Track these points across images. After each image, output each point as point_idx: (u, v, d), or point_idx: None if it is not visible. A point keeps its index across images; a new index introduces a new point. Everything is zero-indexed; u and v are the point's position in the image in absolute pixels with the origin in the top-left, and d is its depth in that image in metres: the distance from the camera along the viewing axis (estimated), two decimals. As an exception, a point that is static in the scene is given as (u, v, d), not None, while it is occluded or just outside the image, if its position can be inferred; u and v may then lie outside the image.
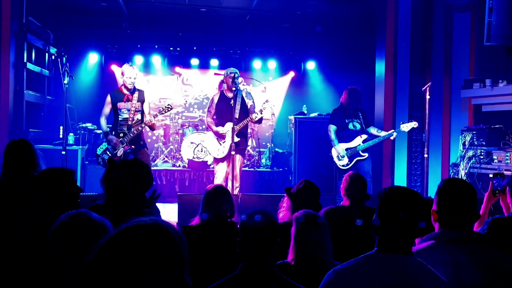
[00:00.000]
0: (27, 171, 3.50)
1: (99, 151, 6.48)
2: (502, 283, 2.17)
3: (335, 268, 1.98)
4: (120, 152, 6.28)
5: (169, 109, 6.46)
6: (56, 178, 2.83)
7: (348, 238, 3.28)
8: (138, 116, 6.38)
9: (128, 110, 6.34)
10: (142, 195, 2.96)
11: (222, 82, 6.94)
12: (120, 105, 6.36)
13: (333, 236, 2.81)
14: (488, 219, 2.80)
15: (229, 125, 6.48)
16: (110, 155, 6.31)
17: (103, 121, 6.48)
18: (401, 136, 7.62)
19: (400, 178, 7.98)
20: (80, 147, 8.52)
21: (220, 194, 3.38)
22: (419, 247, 2.29)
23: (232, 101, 6.40)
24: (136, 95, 6.39)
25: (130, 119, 6.34)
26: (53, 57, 9.40)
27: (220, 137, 6.64)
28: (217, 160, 6.74)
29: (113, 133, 6.40)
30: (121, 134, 6.30)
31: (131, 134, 6.26)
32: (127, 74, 6.36)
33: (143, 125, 6.28)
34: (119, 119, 6.37)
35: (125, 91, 6.39)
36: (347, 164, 6.83)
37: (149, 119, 6.20)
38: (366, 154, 6.87)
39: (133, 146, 6.30)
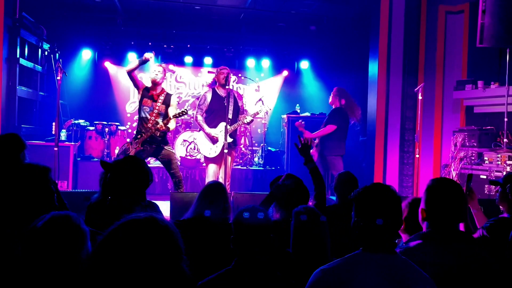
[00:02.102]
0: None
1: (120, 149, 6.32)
2: (487, 283, 2.19)
3: (322, 267, 1.99)
4: (131, 152, 6.01)
5: (184, 113, 6.11)
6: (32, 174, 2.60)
7: (336, 236, 3.28)
8: (160, 120, 6.04)
9: (151, 109, 6.05)
10: (143, 192, 2.91)
11: (214, 81, 6.81)
12: (145, 101, 6.09)
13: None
14: (489, 221, 2.83)
15: (222, 125, 6.47)
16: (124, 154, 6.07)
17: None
18: (393, 137, 7.65)
19: (392, 179, 8.02)
20: (72, 143, 8.49)
21: (220, 191, 3.34)
22: (407, 246, 2.30)
23: (225, 100, 6.40)
24: (162, 97, 6.09)
25: (151, 120, 6.05)
26: (46, 53, 9.38)
27: (213, 139, 6.61)
28: (208, 159, 6.71)
29: (136, 131, 6.21)
30: (139, 136, 6.07)
31: (144, 135, 6.00)
32: (151, 69, 6.18)
33: (156, 131, 5.95)
34: (141, 116, 6.12)
35: (151, 88, 6.10)
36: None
37: (161, 125, 5.89)
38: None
39: (143, 147, 6.03)
